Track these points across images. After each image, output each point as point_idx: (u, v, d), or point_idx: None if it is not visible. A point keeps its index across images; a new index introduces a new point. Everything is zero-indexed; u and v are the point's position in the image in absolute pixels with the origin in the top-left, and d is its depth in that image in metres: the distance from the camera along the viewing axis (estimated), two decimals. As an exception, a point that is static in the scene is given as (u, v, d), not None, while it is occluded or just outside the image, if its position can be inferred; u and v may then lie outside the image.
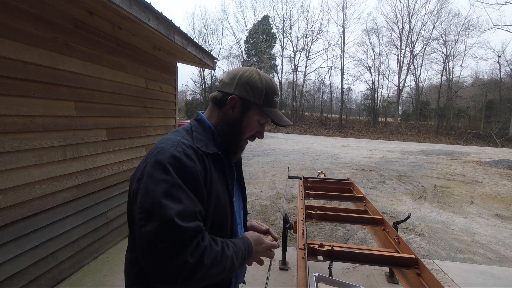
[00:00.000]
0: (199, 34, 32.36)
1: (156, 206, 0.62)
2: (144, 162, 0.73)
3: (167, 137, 0.77)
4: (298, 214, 2.17)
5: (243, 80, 0.83)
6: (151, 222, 0.62)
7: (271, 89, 0.85)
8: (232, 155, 0.89)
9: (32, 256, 2.02)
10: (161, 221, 0.61)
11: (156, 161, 0.67)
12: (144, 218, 0.63)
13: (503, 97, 24.93)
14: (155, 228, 0.61)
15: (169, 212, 0.61)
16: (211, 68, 5.38)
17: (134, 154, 3.33)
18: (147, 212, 0.63)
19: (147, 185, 0.65)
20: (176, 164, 0.67)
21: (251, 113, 0.84)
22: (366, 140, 22.44)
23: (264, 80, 0.84)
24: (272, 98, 0.86)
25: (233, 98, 0.83)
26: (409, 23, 27.61)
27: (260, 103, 0.84)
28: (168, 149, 0.69)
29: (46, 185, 2.12)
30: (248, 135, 0.88)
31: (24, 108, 1.92)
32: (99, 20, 2.62)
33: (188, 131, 0.81)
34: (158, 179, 0.65)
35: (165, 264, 0.61)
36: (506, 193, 6.50)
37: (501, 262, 3.19)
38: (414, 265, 1.48)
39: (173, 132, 0.81)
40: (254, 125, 0.87)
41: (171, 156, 0.68)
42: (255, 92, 0.83)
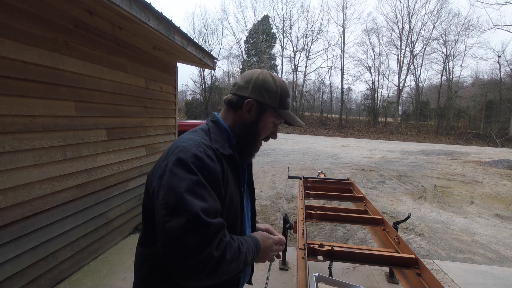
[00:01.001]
0: (199, 34, 32.38)
1: (181, 202, 0.64)
2: (164, 160, 0.73)
3: (187, 137, 0.78)
4: (298, 214, 2.17)
5: (258, 83, 0.85)
6: (176, 217, 0.63)
7: (284, 92, 0.89)
8: (248, 156, 0.92)
9: (32, 256, 2.02)
10: (187, 217, 0.63)
11: (179, 159, 0.69)
12: (168, 213, 0.64)
13: (503, 97, 24.93)
14: (181, 223, 0.63)
15: (195, 208, 0.63)
16: (211, 68, 5.38)
17: (134, 154, 3.33)
18: (172, 207, 0.64)
19: (171, 182, 0.66)
20: (198, 163, 0.69)
21: (266, 116, 0.88)
22: (366, 140, 22.44)
23: (278, 83, 0.87)
24: (285, 100, 0.89)
25: (250, 101, 0.85)
26: (409, 23, 27.64)
27: (275, 106, 0.87)
28: (190, 148, 0.71)
29: (46, 185, 2.12)
30: (264, 136, 0.91)
31: (24, 108, 1.92)
32: (99, 20, 2.62)
33: (206, 131, 0.83)
34: (182, 176, 0.66)
35: (191, 258, 0.62)
36: (506, 193, 6.50)
37: (501, 262, 3.19)
38: (414, 265, 1.48)
39: (192, 132, 0.83)
40: (269, 127, 0.90)
41: (194, 155, 0.69)
42: (271, 95, 0.86)
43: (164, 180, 0.68)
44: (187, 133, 0.84)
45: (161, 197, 0.66)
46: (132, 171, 3.31)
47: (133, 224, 3.44)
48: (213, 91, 32.71)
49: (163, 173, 0.70)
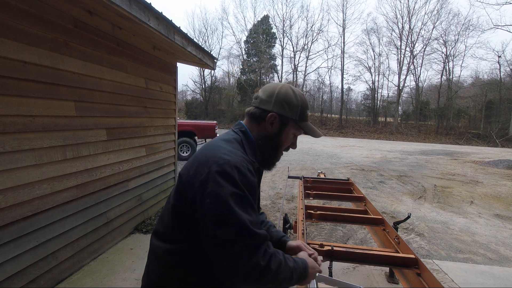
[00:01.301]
0: (199, 34, 32.36)
1: (230, 214, 0.70)
2: (204, 167, 0.76)
3: (228, 149, 0.81)
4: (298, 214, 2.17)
5: (280, 97, 0.90)
6: (226, 227, 0.69)
7: (304, 104, 0.94)
8: (270, 166, 0.98)
9: (32, 256, 2.02)
10: (238, 227, 0.69)
11: (225, 172, 0.73)
12: (217, 222, 0.70)
13: (503, 97, 24.92)
14: (231, 232, 0.69)
15: (243, 219, 0.70)
16: (211, 68, 5.38)
17: (134, 154, 3.33)
18: (221, 217, 0.70)
19: (218, 192, 0.71)
20: (243, 179, 0.74)
21: (288, 128, 0.93)
22: (366, 140, 22.44)
23: (299, 97, 0.93)
24: (305, 112, 0.95)
25: (273, 115, 0.90)
26: (409, 23, 27.62)
27: (296, 118, 0.92)
28: (235, 163, 0.75)
29: (46, 185, 2.12)
30: (285, 147, 0.97)
31: (24, 108, 1.92)
32: (99, 20, 2.62)
33: (240, 143, 0.88)
34: (229, 190, 0.71)
35: (240, 265, 0.69)
36: (506, 193, 6.50)
37: (501, 262, 3.19)
38: (414, 265, 1.48)
39: (228, 142, 0.86)
40: (290, 138, 0.96)
41: (239, 171, 0.75)
42: (292, 108, 0.91)
43: (210, 189, 0.72)
44: (222, 141, 0.86)
45: (208, 206, 0.71)
46: (132, 171, 3.31)
47: (133, 224, 3.44)
48: (213, 91, 32.70)
49: (205, 181, 0.73)
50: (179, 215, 0.80)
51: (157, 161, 3.95)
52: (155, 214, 3.99)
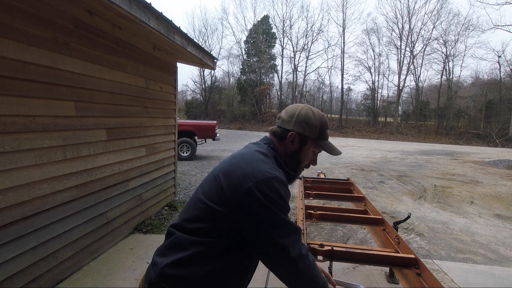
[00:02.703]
0: (199, 34, 32.37)
1: (285, 223, 0.83)
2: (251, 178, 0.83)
3: (269, 164, 0.90)
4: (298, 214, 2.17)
5: (300, 118, 0.99)
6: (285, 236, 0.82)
7: (323, 125, 1.02)
8: (290, 181, 1.05)
9: (32, 256, 2.02)
10: (292, 235, 0.84)
11: (274, 187, 0.83)
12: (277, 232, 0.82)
13: (503, 97, 24.91)
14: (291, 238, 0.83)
15: (294, 229, 0.85)
16: (211, 68, 5.38)
17: (134, 154, 3.33)
18: (280, 227, 0.82)
19: (268, 204, 0.81)
20: (286, 192, 0.87)
21: (307, 146, 1.01)
22: (366, 140, 22.44)
23: (318, 117, 1.00)
24: (325, 131, 1.02)
25: (293, 134, 0.99)
26: (409, 23, 27.60)
27: (315, 137, 1.00)
28: (280, 179, 0.86)
29: (46, 185, 2.12)
30: (305, 164, 1.05)
31: (24, 108, 1.92)
32: (99, 20, 2.62)
33: (274, 158, 0.98)
34: (278, 202, 0.82)
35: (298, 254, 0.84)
36: (506, 193, 6.50)
37: (501, 262, 3.19)
38: (414, 265, 1.48)
39: (266, 157, 0.94)
40: (310, 156, 1.04)
41: (284, 185, 0.86)
42: (311, 128, 0.99)
43: (259, 201, 0.80)
44: (260, 154, 0.94)
45: (265, 215, 0.81)
46: (132, 171, 3.31)
47: (133, 224, 3.44)
48: (213, 91, 32.71)
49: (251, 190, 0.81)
50: (218, 217, 0.85)
51: (157, 161, 3.95)
52: (155, 214, 3.99)
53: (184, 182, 6.18)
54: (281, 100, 31.39)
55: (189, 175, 6.97)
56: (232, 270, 0.89)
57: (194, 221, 0.89)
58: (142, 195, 3.57)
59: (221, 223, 0.85)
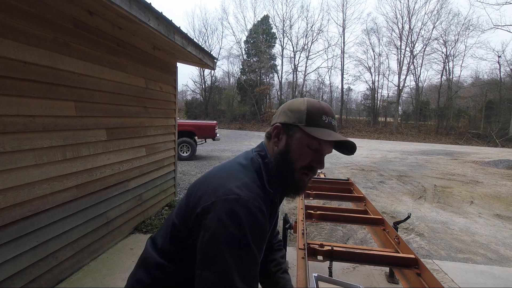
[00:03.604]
0: (199, 34, 32.37)
1: (219, 258, 0.63)
2: (212, 195, 0.69)
3: (243, 180, 0.72)
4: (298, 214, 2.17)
5: (285, 107, 0.81)
6: (210, 270, 0.63)
7: (315, 108, 0.77)
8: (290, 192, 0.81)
9: (32, 256, 2.02)
10: (220, 275, 0.62)
11: (233, 212, 0.65)
12: (205, 261, 0.64)
13: (503, 97, 24.91)
14: (212, 278, 0.62)
15: (229, 269, 0.62)
16: (211, 68, 5.38)
17: (134, 154, 3.33)
18: (210, 258, 0.64)
19: (216, 229, 0.64)
20: (251, 220, 0.66)
21: (295, 138, 0.77)
22: (366, 140, 22.44)
23: (307, 102, 0.79)
24: (318, 117, 0.76)
25: (277, 126, 0.80)
26: (409, 23, 27.60)
27: (303, 124, 0.76)
28: (246, 202, 0.66)
29: (46, 185, 2.12)
30: (301, 165, 0.77)
31: (24, 108, 1.92)
32: (99, 20, 2.62)
33: (258, 171, 0.78)
34: (229, 231, 0.64)
35: None
36: (506, 193, 6.50)
37: (501, 262, 3.19)
38: (414, 265, 1.48)
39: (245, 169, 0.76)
40: (304, 151, 0.76)
41: (249, 212, 0.66)
42: (296, 114, 0.77)
43: (209, 223, 0.65)
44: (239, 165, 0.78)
45: (202, 240, 0.66)
46: (132, 171, 3.31)
47: (133, 224, 3.44)
48: (213, 91, 32.70)
49: (207, 211, 0.67)
50: (178, 236, 0.75)
51: (157, 161, 3.95)
52: (155, 214, 3.99)
53: (184, 182, 6.18)
54: (281, 100, 31.36)
55: (189, 175, 6.97)
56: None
57: (164, 239, 0.79)
58: (142, 195, 3.57)
59: (181, 245, 0.73)
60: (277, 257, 1.04)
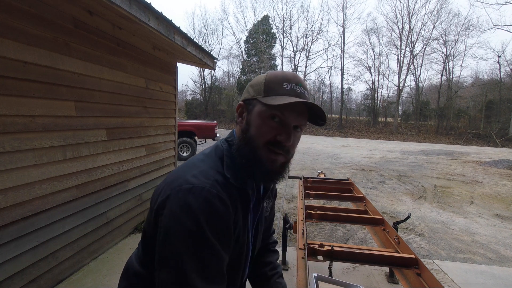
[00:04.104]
0: (199, 34, 32.38)
1: (174, 257, 0.58)
2: (167, 189, 0.63)
3: (201, 168, 0.66)
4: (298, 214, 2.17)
5: (248, 85, 0.74)
6: (166, 271, 0.59)
7: (275, 77, 0.68)
8: (260, 176, 0.70)
9: (32, 256, 2.02)
10: (177, 275, 0.57)
11: (185, 203, 0.59)
12: (160, 262, 0.60)
13: (503, 97, 24.91)
14: (170, 278, 0.58)
15: (186, 268, 0.57)
16: (211, 68, 5.38)
17: (134, 154, 3.33)
18: (165, 258, 0.59)
19: (169, 225, 0.59)
20: (207, 210, 0.59)
21: (255, 111, 0.68)
22: (366, 140, 22.44)
23: (268, 73, 0.71)
24: (277, 85, 0.67)
25: (239, 105, 0.73)
26: (409, 23, 27.62)
27: (261, 95, 0.68)
28: (201, 190, 0.60)
29: (46, 185, 2.12)
30: (264, 140, 0.67)
31: (24, 108, 1.92)
32: (99, 20, 2.62)
33: (220, 157, 0.71)
34: (183, 225, 0.58)
35: None
36: (506, 193, 6.50)
37: (501, 262, 3.19)
38: (414, 265, 1.48)
39: (206, 157, 0.71)
40: (265, 124, 0.67)
41: (204, 201, 0.59)
42: (255, 87, 0.70)
43: (163, 218, 0.61)
44: (202, 155, 0.72)
45: (158, 238, 0.61)
46: (132, 171, 3.31)
47: (133, 224, 3.44)
48: (213, 91, 32.69)
49: (162, 206, 0.62)
50: (147, 240, 0.70)
51: (157, 161, 3.95)
52: (155, 214, 3.99)
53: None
54: (281, 100, 31.28)
55: (189, 175, 6.96)
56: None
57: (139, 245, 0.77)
58: (142, 195, 3.57)
59: (151, 250, 0.67)
60: (273, 260, 0.99)
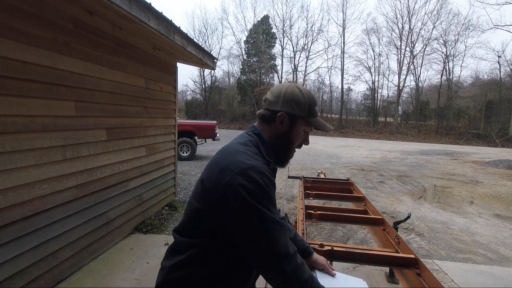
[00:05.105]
0: (199, 34, 32.38)
1: (254, 215, 0.78)
2: (227, 171, 0.80)
3: (247, 153, 0.87)
4: (298, 214, 2.17)
5: (287, 97, 0.94)
6: (258, 227, 0.78)
7: (312, 101, 0.96)
8: (284, 163, 1.02)
9: (32, 256, 2.02)
10: (268, 224, 0.78)
11: (251, 177, 0.79)
12: (249, 223, 0.79)
13: (503, 97, 24.91)
14: (263, 231, 0.78)
15: (271, 216, 0.79)
16: (211, 68, 5.38)
17: (134, 154, 3.33)
18: (245, 219, 0.78)
19: (244, 195, 0.77)
20: (265, 181, 0.81)
21: (298, 125, 0.96)
22: (366, 140, 22.44)
23: (306, 94, 0.95)
24: (314, 108, 0.96)
25: (282, 114, 0.94)
26: (409, 23, 27.61)
27: (305, 115, 0.95)
28: (257, 167, 0.81)
29: (46, 185, 2.12)
30: (297, 144, 1.00)
31: (24, 108, 1.92)
32: (99, 20, 2.62)
33: (256, 146, 0.93)
34: (254, 192, 0.78)
35: (283, 253, 0.79)
36: (506, 193, 6.50)
37: (501, 262, 3.19)
38: (414, 265, 1.48)
39: (245, 146, 0.91)
40: (301, 135, 0.99)
41: (262, 174, 0.81)
42: (300, 106, 0.94)
43: (235, 192, 0.77)
44: (239, 144, 0.91)
45: (238, 209, 0.78)
46: (132, 171, 3.31)
47: (133, 224, 3.44)
48: (213, 91, 32.70)
49: (229, 184, 0.79)
50: (204, 216, 0.85)
51: (157, 161, 3.96)
52: (155, 214, 3.99)
53: (184, 182, 6.18)
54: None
55: (189, 175, 6.97)
56: (230, 270, 0.87)
57: (188, 223, 0.90)
58: (142, 195, 3.57)
59: (208, 223, 0.84)
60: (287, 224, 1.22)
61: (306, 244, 1.19)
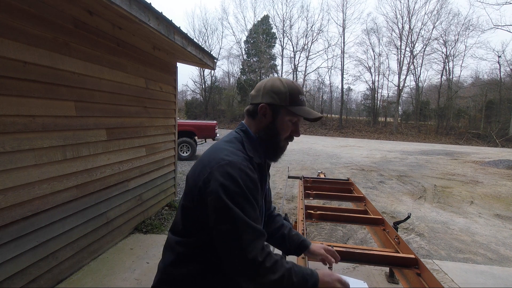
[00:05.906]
0: (199, 34, 32.37)
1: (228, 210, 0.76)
2: (207, 167, 0.82)
3: (229, 150, 0.87)
4: (298, 214, 2.17)
5: (267, 89, 0.94)
6: (223, 222, 0.77)
7: (294, 90, 0.94)
8: (274, 156, 1.00)
9: (32, 256, 2.02)
10: (232, 222, 0.76)
11: (227, 173, 0.79)
12: (217, 218, 0.78)
13: (503, 97, 24.91)
14: (227, 226, 0.77)
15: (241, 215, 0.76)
16: (211, 68, 5.38)
17: (134, 154, 3.33)
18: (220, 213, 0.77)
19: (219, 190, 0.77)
20: (243, 177, 0.80)
21: (281, 116, 0.94)
22: (366, 140, 22.44)
23: (286, 84, 0.93)
24: (297, 97, 0.94)
25: (262, 106, 0.93)
26: (409, 23, 27.61)
27: (286, 104, 0.93)
28: (235, 163, 0.81)
29: (46, 185, 2.12)
30: (285, 136, 0.97)
31: (24, 108, 1.92)
32: (99, 20, 2.62)
33: (240, 142, 0.92)
34: (230, 188, 0.77)
35: (239, 257, 0.76)
36: (506, 193, 6.50)
37: (501, 262, 3.19)
38: (414, 265, 1.48)
39: (229, 143, 0.91)
40: (287, 125, 0.95)
41: (240, 170, 0.80)
42: (280, 96, 0.92)
43: (211, 188, 0.78)
44: (224, 142, 0.92)
45: (212, 203, 0.78)
46: (132, 171, 3.31)
47: (133, 224, 3.44)
48: (213, 91, 32.69)
49: (207, 180, 0.80)
50: (188, 214, 0.87)
51: (157, 161, 3.95)
52: (155, 214, 3.99)
53: (184, 182, 6.18)
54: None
55: (189, 175, 6.96)
56: (216, 270, 0.87)
57: (178, 222, 0.92)
58: (142, 195, 3.57)
59: (192, 221, 0.86)
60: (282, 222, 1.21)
61: (302, 238, 1.17)
